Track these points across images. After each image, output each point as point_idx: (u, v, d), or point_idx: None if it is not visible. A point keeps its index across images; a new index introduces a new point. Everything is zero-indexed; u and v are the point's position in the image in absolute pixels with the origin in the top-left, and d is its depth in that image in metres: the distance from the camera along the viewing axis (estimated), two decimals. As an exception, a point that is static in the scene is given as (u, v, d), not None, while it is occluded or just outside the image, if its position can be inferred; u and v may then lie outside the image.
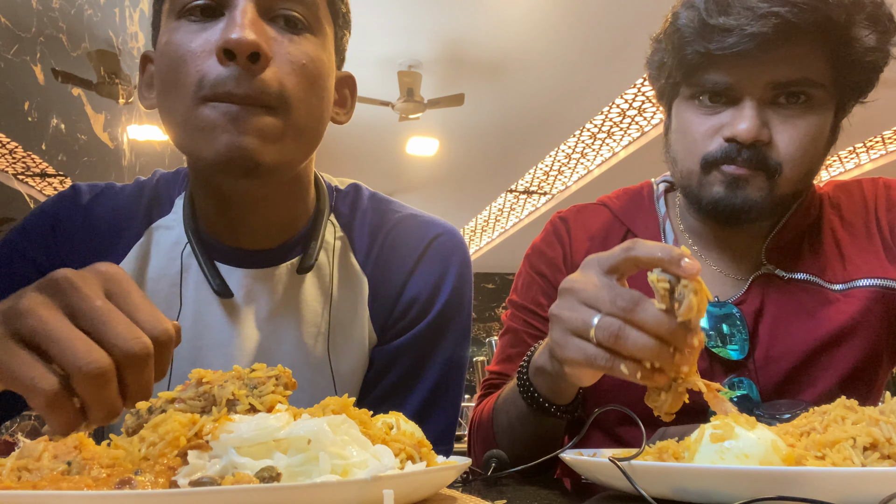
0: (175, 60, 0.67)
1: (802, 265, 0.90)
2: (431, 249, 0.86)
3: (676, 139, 0.90)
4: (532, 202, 8.31)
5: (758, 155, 0.81)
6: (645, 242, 0.58)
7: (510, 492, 0.63)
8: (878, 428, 0.47)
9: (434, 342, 0.84)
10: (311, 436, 0.40)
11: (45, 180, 1.35)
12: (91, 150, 1.53)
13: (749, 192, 0.82)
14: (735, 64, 0.80)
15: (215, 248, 0.80)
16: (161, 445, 0.40)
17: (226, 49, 0.64)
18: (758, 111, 0.81)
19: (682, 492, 0.47)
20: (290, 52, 0.69)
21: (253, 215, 0.78)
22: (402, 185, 7.59)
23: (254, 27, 0.65)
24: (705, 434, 0.49)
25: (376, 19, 4.15)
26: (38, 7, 1.32)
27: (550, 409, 0.77)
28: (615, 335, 0.56)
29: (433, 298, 0.84)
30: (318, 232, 0.82)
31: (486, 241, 10.15)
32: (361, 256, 0.85)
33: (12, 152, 1.22)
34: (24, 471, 0.38)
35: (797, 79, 0.79)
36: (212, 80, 0.65)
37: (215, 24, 0.67)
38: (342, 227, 0.86)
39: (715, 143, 0.83)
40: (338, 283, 0.83)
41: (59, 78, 1.40)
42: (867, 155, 6.91)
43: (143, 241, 0.82)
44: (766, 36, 0.75)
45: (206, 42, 0.67)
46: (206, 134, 0.66)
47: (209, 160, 0.67)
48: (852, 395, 0.55)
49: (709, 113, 0.84)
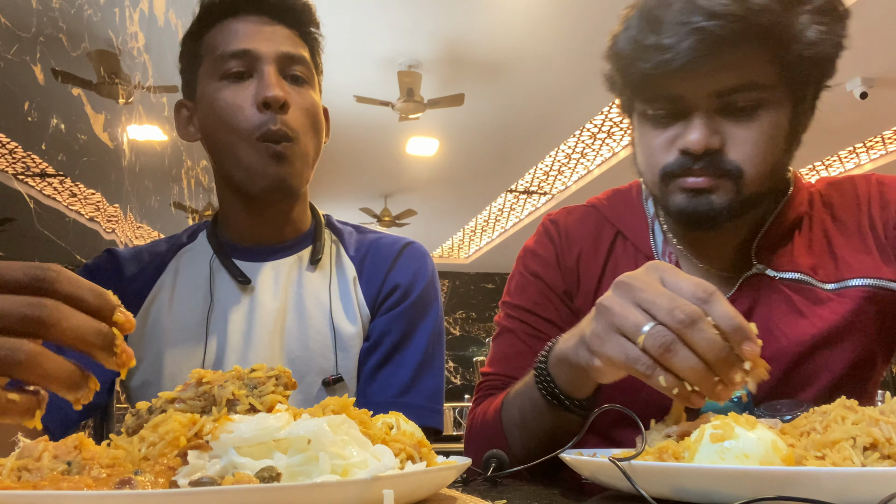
0: (224, 110, 0.95)
1: (793, 264, 0.89)
2: (406, 251, 1.10)
3: (639, 152, 0.90)
4: (532, 202, 8.31)
5: (714, 162, 0.81)
6: (721, 302, 0.57)
7: (510, 492, 0.63)
8: (878, 428, 0.47)
9: (419, 317, 1.05)
10: (311, 436, 0.40)
11: (45, 180, 1.35)
12: (91, 149, 1.53)
13: (713, 199, 0.82)
14: (678, 78, 0.79)
15: (238, 250, 1.04)
16: (161, 445, 0.40)
17: (265, 102, 0.93)
18: (706, 121, 0.80)
19: (682, 492, 0.47)
20: (299, 101, 0.98)
21: (275, 218, 1.04)
22: (402, 185, 7.59)
23: (280, 86, 0.95)
24: (705, 434, 0.49)
25: (376, 19, 4.15)
26: (38, 7, 1.32)
27: (566, 403, 0.76)
28: (666, 347, 0.56)
29: (413, 284, 1.06)
30: (320, 234, 1.09)
31: (486, 241, 10.15)
32: (351, 253, 1.10)
33: (12, 152, 1.22)
34: (24, 471, 0.38)
35: (741, 84, 0.79)
36: (258, 123, 0.93)
37: (249, 83, 0.96)
38: (335, 234, 1.13)
39: (671, 155, 0.83)
40: (335, 272, 1.07)
41: (59, 78, 1.40)
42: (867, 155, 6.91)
43: (173, 265, 1.05)
44: (700, 50, 0.75)
45: (246, 97, 0.95)
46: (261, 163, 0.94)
47: (261, 186, 0.95)
48: (846, 396, 0.55)
49: (662, 126, 0.85)
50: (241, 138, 0.94)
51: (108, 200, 1.66)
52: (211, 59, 0.98)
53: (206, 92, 0.99)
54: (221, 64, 0.96)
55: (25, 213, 1.27)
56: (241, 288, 1.01)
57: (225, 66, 0.96)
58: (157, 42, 2.11)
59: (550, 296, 0.99)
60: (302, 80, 1.00)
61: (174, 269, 1.05)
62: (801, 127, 0.86)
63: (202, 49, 1.00)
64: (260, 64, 0.96)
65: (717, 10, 0.74)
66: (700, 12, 0.75)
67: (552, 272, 1.00)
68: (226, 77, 0.96)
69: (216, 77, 0.97)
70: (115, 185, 1.71)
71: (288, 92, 0.96)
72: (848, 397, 0.54)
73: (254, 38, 0.97)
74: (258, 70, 0.96)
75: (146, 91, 2.00)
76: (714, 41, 0.75)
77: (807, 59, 0.79)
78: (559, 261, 1.00)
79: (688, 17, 0.75)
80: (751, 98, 0.79)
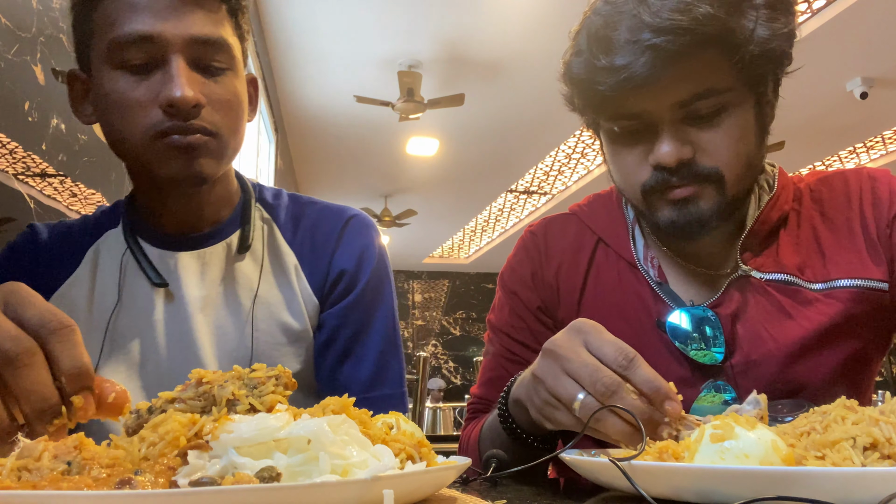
0: (121, 108, 0.80)
1: (779, 265, 0.88)
2: (349, 227, 0.98)
3: (614, 170, 0.90)
4: (532, 202, 8.31)
5: (691, 171, 0.80)
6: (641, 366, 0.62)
7: (510, 492, 0.63)
8: (878, 428, 0.47)
9: (373, 301, 0.96)
10: (311, 436, 0.40)
11: (46, 180, 1.35)
12: (91, 150, 1.53)
13: (701, 206, 0.82)
14: (637, 96, 0.78)
15: (156, 237, 0.92)
16: (161, 445, 0.40)
17: (171, 104, 0.77)
18: (674, 133, 0.80)
19: (682, 492, 0.47)
20: (216, 93, 0.82)
21: (191, 206, 0.91)
22: (402, 185, 7.59)
23: (190, 83, 0.78)
24: (705, 434, 0.49)
25: (376, 19, 4.15)
26: (39, 7, 1.32)
27: (528, 440, 0.78)
28: (595, 417, 0.62)
29: (361, 267, 0.96)
30: (248, 217, 0.95)
31: (486, 241, 10.15)
32: (288, 235, 0.97)
33: (12, 152, 1.22)
34: (24, 471, 0.38)
35: (701, 92, 0.78)
36: (162, 129, 0.79)
37: (151, 76, 0.79)
38: (267, 211, 0.99)
39: (646, 171, 0.83)
40: (268, 258, 0.95)
41: (60, 78, 1.40)
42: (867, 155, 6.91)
43: (93, 250, 0.94)
44: (654, 66, 0.75)
45: (148, 93, 0.79)
46: (162, 162, 0.81)
47: (166, 179, 0.82)
48: (838, 397, 0.55)
49: (631, 142, 0.84)
50: (145, 140, 0.80)
51: (108, 200, 1.66)
52: (105, 41, 0.80)
53: (100, 78, 0.82)
54: (118, 52, 0.79)
55: (26, 213, 1.27)
56: (154, 289, 0.90)
57: (122, 55, 0.78)
58: (157, 42, 2.11)
59: (524, 314, 0.99)
60: (221, 68, 0.83)
61: (93, 261, 0.93)
62: (766, 119, 0.86)
63: (94, 21, 0.82)
64: (166, 53, 0.79)
65: (664, 26, 0.74)
66: (648, 29, 0.74)
67: (526, 290, 0.99)
68: (121, 66, 0.79)
69: (112, 65, 0.80)
70: (115, 186, 1.71)
71: (201, 84, 0.81)
72: (844, 397, 0.54)
73: (158, 16, 0.78)
74: (164, 60, 0.79)
75: (146, 91, 2.00)
76: (667, 56, 0.75)
77: (761, 56, 0.78)
78: (535, 276, 0.99)
79: (637, 35, 0.75)
80: (712, 104, 0.79)
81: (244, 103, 0.88)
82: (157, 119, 0.79)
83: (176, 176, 0.82)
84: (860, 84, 4.90)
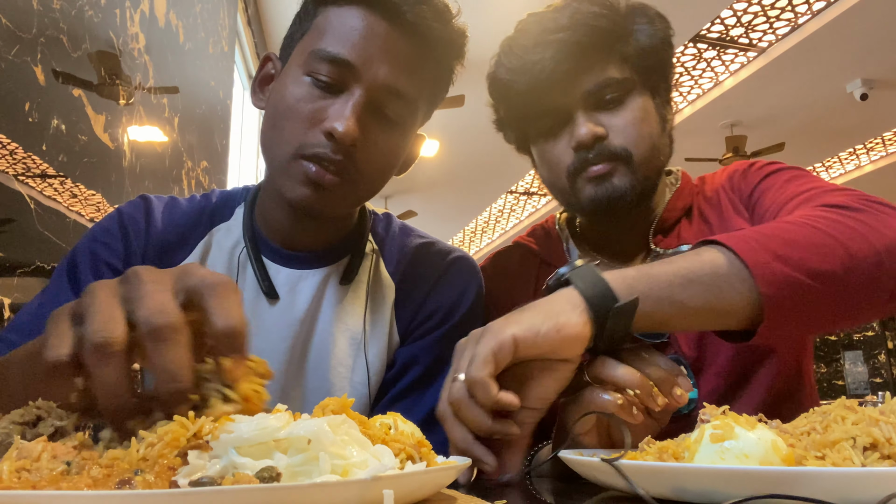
0: (291, 111, 0.82)
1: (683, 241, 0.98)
2: (453, 268, 0.99)
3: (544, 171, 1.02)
4: (532, 203, 8.31)
5: (604, 150, 0.94)
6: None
7: (510, 492, 0.63)
8: (878, 428, 0.47)
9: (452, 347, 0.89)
10: (312, 436, 0.40)
11: (46, 181, 1.35)
12: (91, 150, 1.53)
13: (615, 182, 0.94)
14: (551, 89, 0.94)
15: (269, 248, 0.93)
16: (160, 446, 0.40)
17: (330, 133, 0.80)
18: (587, 117, 0.94)
19: (681, 492, 0.47)
20: (378, 143, 0.84)
21: (310, 226, 0.93)
22: (403, 185, 7.60)
23: (358, 123, 0.80)
24: (705, 434, 0.49)
25: (376, 20, 4.14)
26: (39, 8, 1.32)
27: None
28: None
29: (455, 307, 0.95)
30: (362, 249, 0.97)
31: (486, 242, 10.15)
32: (391, 268, 0.98)
33: (13, 153, 1.22)
34: (24, 471, 0.38)
35: (603, 81, 0.94)
36: (312, 149, 0.81)
37: (332, 99, 0.82)
38: (377, 243, 1.00)
39: (568, 155, 0.96)
40: (372, 289, 0.95)
41: (60, 79, 1.40)
42: (867, 156, 6.91)
43: (205, 242, 0.94)
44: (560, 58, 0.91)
45: (319, 113, 0.81)
46: (294, 181, 0.82)
47: (289, 200, 0.84)
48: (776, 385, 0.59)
49: (554, 137, 0.98)
50: (290, 151, 0.82)
51: (108, 201, 1.66)
52: (311, 46, 0.83)
53: (289, 74, 0.85)
54: (314, 62, 0.82)
55: (26, 213, 1.28)
56: (266, 299, 0.90)
57: (316, 66, 0.82)
58: (157, 43, 2.11)
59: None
60: (395, 121, 0.85)
61: (204, 249, 0.93)
62: (666, 114, 1.01)
63: (313, 23, 0.86)
64: (352, 84, 0.81)
65: (564, 23, 0.92)
66: (552, 29, 0.92)
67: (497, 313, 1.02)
68: (312, 75, 0.82)
69: (304, 69, 0.83)
70: (115, 186, 1.71)
71: (368, 125, 0.82)
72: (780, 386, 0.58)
73: (364, 46, 0.81)
74: (347, 90, 0.82)
75: (147, 92, 2.01)
76: (570, 48, 0.92)
77: (644, 52, 0.96)
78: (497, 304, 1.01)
79: (544, 36, 0.93)
80: (614, 90, 0.94)
81: (397, 158, 0.90)
82: (313, 140, 0.81)
83: (297, 202, 0.83)
84: (860, 85, 4.90)
